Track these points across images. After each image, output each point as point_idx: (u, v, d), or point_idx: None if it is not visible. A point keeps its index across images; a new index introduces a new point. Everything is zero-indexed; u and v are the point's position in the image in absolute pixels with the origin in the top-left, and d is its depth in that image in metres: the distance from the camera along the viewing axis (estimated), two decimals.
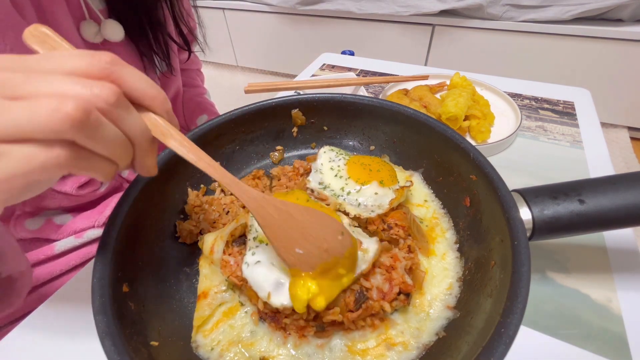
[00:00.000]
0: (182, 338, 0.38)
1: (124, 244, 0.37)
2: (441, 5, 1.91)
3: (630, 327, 0.42)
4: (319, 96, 0.57)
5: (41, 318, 0.45)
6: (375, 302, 0.36)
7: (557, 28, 1.78)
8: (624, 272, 0.47)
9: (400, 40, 2.16)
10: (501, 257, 0.35)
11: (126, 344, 0.30)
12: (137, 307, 0.36)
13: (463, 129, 0.72)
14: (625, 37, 1.70)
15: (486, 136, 0.70)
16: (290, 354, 0.36)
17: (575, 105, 0.83)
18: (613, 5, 1.67)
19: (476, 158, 0.42)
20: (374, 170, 0.49)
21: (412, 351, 0.36)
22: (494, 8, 1.85)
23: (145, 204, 0.42)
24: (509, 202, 0.36)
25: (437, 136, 0.49)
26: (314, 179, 0.49)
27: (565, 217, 0.36)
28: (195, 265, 0.46)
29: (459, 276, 0.41)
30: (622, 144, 1.97)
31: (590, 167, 0.65)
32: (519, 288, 0.30)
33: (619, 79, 1.83)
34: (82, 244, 0.62)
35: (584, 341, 0.41)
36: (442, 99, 0.78)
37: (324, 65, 1.10)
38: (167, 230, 0.47)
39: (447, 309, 0.38)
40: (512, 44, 1.91)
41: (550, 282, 0.47)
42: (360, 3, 2.09)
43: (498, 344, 0.28)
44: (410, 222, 0.44)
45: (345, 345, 0.37)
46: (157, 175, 0.32)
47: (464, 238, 0.44)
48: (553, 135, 0.74)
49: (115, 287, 0.34)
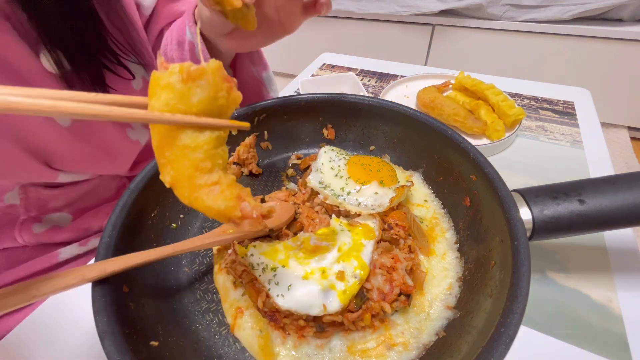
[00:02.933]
0: (183, 338, 0.38)
1: (124, 243, 0.38)
2: (441, 5, 1.91)
3: (630, 327, 0.42)
4: (319, 96, 0.57)
5: (42, 317, 0.45)
6: (376, 303, 0.36)
7: (557, 28, 1.78)
8: (624, 272, 0.47)
9: (400, 40, 2.16)
10: (501, 257, 0.35)
11: (126, 344, 0.30)
12: (137, 307, 0.36)
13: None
14: (625, 37, 1.70)
15: (501, 134, 0.70)
16: (290, 354, 0.36)
17: (575, 105, 0.83)
18: (613, 5, 1.67)
19: (476, 158, 0.42)
20: (374, 170, 0.49)
21: (412, 351, 0.36)
22: (494, 8, 1.85)
23: (145, 204, 0.42)
24: (509, 202, 0.36)
25: (437, 136, 0.49)
26: (314, 179, 0.49)
27: (565, 217, 0.36)
28: (195, 265, 0.46)
29: (459, 276, 0.41)
30: (622, 144, 1.97)
31: (590, 167, 0.65)
32: (519, 288, 0.30)
33: (619, 79, 1.83)
34: (86, 252, 0.63)
35: (584, 341, 0.41)
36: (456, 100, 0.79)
37: (324, 65, 1.10)
38: (168, 230, 0.47)
39: (447, 309, 0.38)
40: (512, 44, 1.91)
41: (550, 282, 0.47)
42: (360, 3, 2.09)
43: (498, 344, 0.28)
44: (410, 222, 0.44)
45: (345, 345, 0.37)
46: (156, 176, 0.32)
47: (464, 238, 0.44)
48: (553, 135, 0.74)
49: (115, 287, 0.34)
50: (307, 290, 0.36)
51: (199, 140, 0.27)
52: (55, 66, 0.48)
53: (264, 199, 0.53)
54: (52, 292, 0.30)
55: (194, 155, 0.27)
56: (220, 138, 0.29)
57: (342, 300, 0.35)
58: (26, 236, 0.57)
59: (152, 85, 0.26)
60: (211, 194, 0.27)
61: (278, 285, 0.37)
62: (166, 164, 0.27)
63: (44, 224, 0.59)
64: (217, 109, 0.28)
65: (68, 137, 0.53)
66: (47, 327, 0.44)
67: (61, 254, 0.59)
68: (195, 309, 0.41)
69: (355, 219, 0.44)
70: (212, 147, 0.28)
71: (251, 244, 0.42)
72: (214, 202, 0.27)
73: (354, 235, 0.41)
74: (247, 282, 0.40)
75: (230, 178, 0.29)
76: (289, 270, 0.37)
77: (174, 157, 0.27)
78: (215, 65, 0.27)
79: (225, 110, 0.29)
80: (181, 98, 0.26)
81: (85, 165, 0.58)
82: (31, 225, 0.57)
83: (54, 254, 0.59)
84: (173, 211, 0.48)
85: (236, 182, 0.30)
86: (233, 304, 0.41)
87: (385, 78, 1.00)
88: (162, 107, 0.26)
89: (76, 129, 0.54)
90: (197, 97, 0.27)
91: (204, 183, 0.27)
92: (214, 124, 0.28)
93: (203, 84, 0.27)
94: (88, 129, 0.56)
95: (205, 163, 0.28)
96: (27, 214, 0.57)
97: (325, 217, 0.47)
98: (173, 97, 0.26)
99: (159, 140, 0.27)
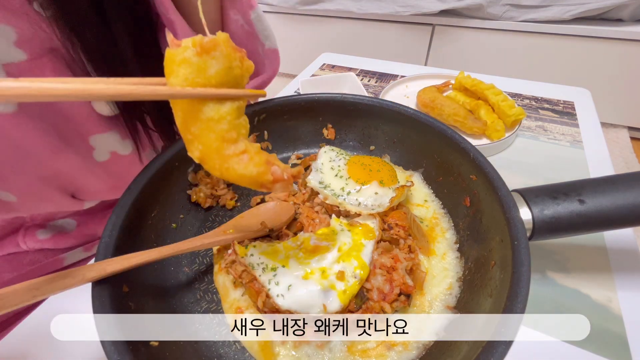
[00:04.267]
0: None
1: (124, 243, 0.37)
2: (441, 5, 1.90)
3: (630, 327, 0.42)
4: (319, 96, 0.57)
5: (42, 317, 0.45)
6: (376, 303, 0.36)
7: (557, 28, 1.78)
8: (624, 272, 0.47)
9: (400, 40, 2.16)
10: (501, 257, 0.35)
11: (126, 344, 0.30)
12: (137, 307, 0.36)
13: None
14: (625, 37, 1.70)
15: (501, 134, 0.70)
16: (290, 354, 0.36)
17: (575, 105, 0.83)
18: (613, 5, 1.67)
19: (476, 158, 0.42)
20: (374, 170, 0.49)
21: (412, 351, 0.36)
22: (494, 8, 1.85)
23: (145, 204, 0.42)
24: (509, 202, 0.36)
25: (437, 136, 0.49)
26: (314, 179, 0.49)
27: (565, 217, 0.36)
28: (195, 265, 0.46)
29: (459, 276, 0.41)
30: (622, 144, 1.97)
31: (590, 167, 0.65)
32: (519, 288, 0.30)
33: (619, 79, 1.83)
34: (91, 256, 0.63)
35: (584, 341, 0.41)
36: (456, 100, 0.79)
37: (324, 65, 1.10)
38: (168, 230, 0.47)
39: (447, 309, 0.38)
40: (512, 44, 1.91)
41: (550, 282, 0.47)
42: (360, 3, 2.09)
43: (498, 344, 0.28)
44: (410, 222, 0.44)
45: (345, 345, 0.37)
46: (157, 176, 0.32)
47: (464, 238, 0.44)
48: (553, 135, 0.74)
49: (115, 287, 0.34)
50: (307, 290, 0.36)
51: (221, 111, 0.28)
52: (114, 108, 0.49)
53: (264, 199, 0.53)
54: (52, 292, 0.30)
55: (219, 126, 0.28)
56: (241, 108, 0.30)
57: (342, 300, 0.35)
58: (30, 242, 0.57)
59: (168, 62, 0.26)
60: (241, 162, 0.28)
61: (278, 285, 0.37)
62: (193, 139, 0.28)
63: (49, 230, 0.59)
64: (233, 79, 0.29)
65: (99, 172, 0.54)
66: (47, 327, 0.44)
67: (66, 259, 0.59)
68: (195, 309, 0.41)
69: (355, 219, 0.44)
70: (235, 117, 0.29)
71: (251, 244, 0.42)
72: (246, 170, 0.28)
73: (354, 235, 0.41)
74: (247, 282, 0.40)
75: (255, 146, 0.30)
76: (289, 270, 0.37)
77: (199, 132, 0.28)
78: (224, 36, 0.28)
79: (241, 80, 0.30)
80: (199, 71, 0.26)
81: (109, 194, 0.59)
82: (35, 231, 0.57)
83: (59, 259, 0.59)
84: (173, 211, 0.48)
85: (261, 150, 0.30)
86: (233, 304, 0.41)
87: (385, 78, 1.00)
88: (182, 82, 0.26)
89: (109, 165, 0.54)
90: (214, 68, 0.27)
91: (233, 153, 0.28)
92: (234, 94, 0.29)
93: (217, 55, 0.27)
94: (121, 163, 0.56)
95: (231, 133, 0.28)
96: (32, 222, 0.57)
97: (325, 217, 0.47)
98: (191, 71, 0.26)
99: (182, 117, 0.27)
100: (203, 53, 0.26)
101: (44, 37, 0.40)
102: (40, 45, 0.40)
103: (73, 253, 0.61)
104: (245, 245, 0.41)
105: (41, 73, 0.41)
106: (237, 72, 0.29)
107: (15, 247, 0.56)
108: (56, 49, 0.42)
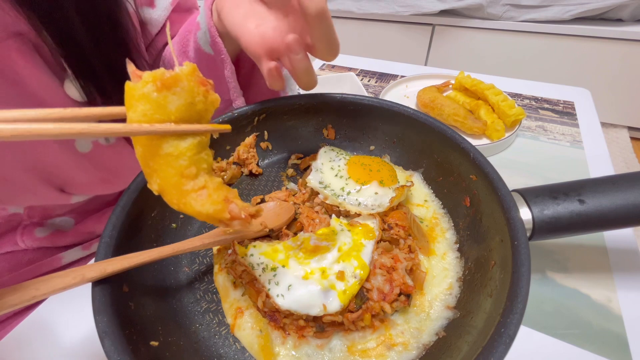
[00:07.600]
0: (183, 338, 0.38)
1: (124, 243, 0.37)
2: (441, 5, 1.91)
3: (630, 327, 0.42)
4: (319, 96, 0.57)
5: (42, 317, 0.45)
6: (376, 303, 0.36)
7: (557, 28, 1.78)
8: (624, 272, 0.47)
9: (400, 40, 2.16)
10: (501, 257, 0.35)
11: (126, 344, 0.30)
12: (137, 307, 0.36)
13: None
14: (625, 37, 1.70)
15: (501, 134, 0.70)
16: (290, 354, 0.36)
17: (575, 105, 0.83)
18: (613, 5, 1.67)
19: (476, 158, 0.42)
20: (374, 170, 0.49)
21: (412, 351, 0.36)
22: (494, 8, 1.85)
23: (145, 204, 0.42)
24: (509, 202, 0.36)
25: (437, 136, 0.49)
26: (314, 179, 0.49)
27: (565, 217, 0.36)
28: (195, 265, 0.46)
29: (459, 276, 0.41)
30: (622, 144, 1.97)
31: (590, 167, 0.65)
32: (519, 288, 0.30)
33: (619, 79, 1.83)
34: (89, 255, 0.63)
35: (584, 341, 0.41)
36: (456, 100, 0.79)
37: (324, 65, 1.10)
38: (168, 230, 0.47)
39: (447, 309, 0.38)
40: (512, 44, 1.91)
41: (550, 282, 0.47)
42: (360, 3, 2.09)
43: (498, 344, 0.28)
44: (410, 222, 0.44)
45: (345, 345, 0.37)
46: None
47: (464, 238, 0.44)
48: (553, 135, 0.74)
49: (115, 287, 0.34)
50: (307, 290, 0.36)
51: (181, 147, 0.27)
52: (84, 95, 0.48)
53: (264, 199, 0.53)
54: (52, 292, 0.30)
55: (178, 162, 0.27)
56: (203, 143, 0.29)
57: (342, 300, 0.35)
58: (28, 240, 0.57)
59: (128, 96, 0.26)
60: (199, 198, 0.27)
61: (278, 285, 0.37)
62: (151, 173, 0.27)
63: (47, 228, 0.59)
64: (195, 114, 0.28)
65: (85, 164, 0.54)
66: (47, 327, 0.44)
67: (64, 258, 0.59)
68: (195, 309, 0.41)
69: (355, 219, 0.44)
70: (195, 152, 0.28)
71: (251, 244, 0.42)
72: (202, 207, 0.27)
73: (354, 235, 0.41)
74: (247, 282, 0.40)
75: (216, 181, 0.29)
76: (289, 270, 0.37)
77: (158, 167, 0.27)
78: (189, 69, 0.27)
79: (204, 114, 0.29)
80: (157, 107, 0.26)
81: (98, 187, 0.59)
82: (33, 229, 0.57)
83: (57, 257, 0.59)
84: (173, 211, 0.48)
85: (223, 185, 0.30)
86: (233, 304, 0.41)
87: (385, 78, 1.00)
88: (140, 118, 0.25)
89: (94, 156, 0.54)
90: (174, 104, 0.26)
91: (191, 188, 0.27)
92: (194, 129, 0.28)
93: (179, 90, 0.26)
94: (106, 154, 0.56)
95: (190, 169, 0.28)
96: (29, 220, 0.57)
97: (325, 217, 0.47)
98: (149, 108, 0.25)
99: (141, 151, 0.27)
100: (163, 89, 0.25)
101: (9, 21, 0.40)
102: (5, 29, 0.40)
103: (71, 252, 0.61)
104: (245, 245, 0.41)
105: (7, 55, 0.41)
106: (200, 107, 0.28)
107: (13, 245, 0.56)
108: (23, 33, 0.42)
